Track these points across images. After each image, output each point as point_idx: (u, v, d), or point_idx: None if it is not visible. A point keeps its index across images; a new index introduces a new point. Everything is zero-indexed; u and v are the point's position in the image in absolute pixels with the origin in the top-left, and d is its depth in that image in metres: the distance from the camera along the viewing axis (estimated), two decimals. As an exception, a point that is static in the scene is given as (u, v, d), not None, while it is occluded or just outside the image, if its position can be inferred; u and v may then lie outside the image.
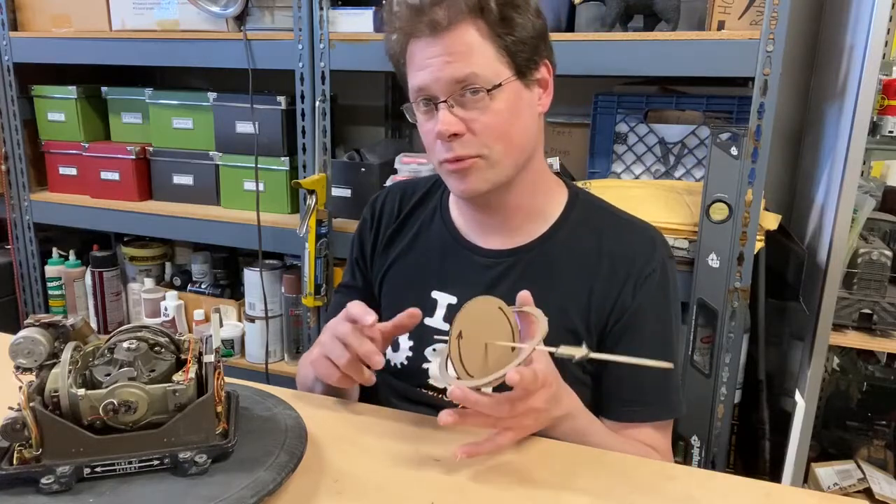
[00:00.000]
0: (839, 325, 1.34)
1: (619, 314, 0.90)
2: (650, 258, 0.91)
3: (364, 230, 1.05)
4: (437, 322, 0.94)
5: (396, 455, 0.75)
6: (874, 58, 1.22)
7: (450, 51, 0.81)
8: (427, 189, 1.03)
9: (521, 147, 0.87)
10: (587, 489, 0.70)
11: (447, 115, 0.82)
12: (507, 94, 0.83)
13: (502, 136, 0.84)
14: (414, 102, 0.87)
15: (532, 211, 0.94)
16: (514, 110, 0.84)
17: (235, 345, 1.88)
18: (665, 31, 1.35)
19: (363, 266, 1.04)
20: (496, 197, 0.90)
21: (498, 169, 0.86)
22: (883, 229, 1.45)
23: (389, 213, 1.03)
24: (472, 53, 0.81)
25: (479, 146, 0.84)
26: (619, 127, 1.51)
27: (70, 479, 0.61)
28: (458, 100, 0.82)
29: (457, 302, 0.94)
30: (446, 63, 0.81)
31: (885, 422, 1.51)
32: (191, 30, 1.70)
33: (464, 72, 0.81)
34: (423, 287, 0.96)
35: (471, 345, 0.69)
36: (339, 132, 1.96)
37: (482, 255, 0.95)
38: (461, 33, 0.81)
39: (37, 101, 1.99)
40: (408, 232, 1.01)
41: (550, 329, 0.88)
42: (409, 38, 0.84)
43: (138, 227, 1.89)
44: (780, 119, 1.58)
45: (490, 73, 0.82)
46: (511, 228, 0.94)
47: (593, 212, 0.96)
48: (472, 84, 0.81)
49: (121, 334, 0.70)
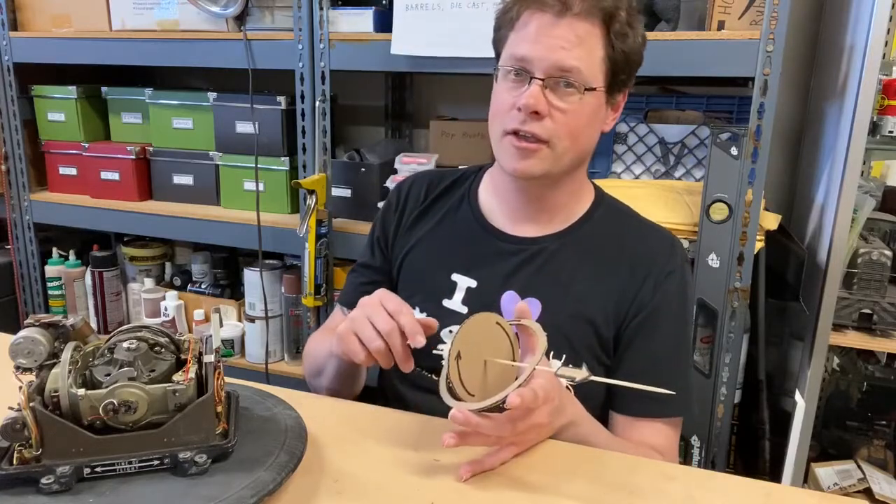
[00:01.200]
0: (839, 325, 1.34)
1: (638, 310, 0.91)
2: (670, 259, 0.93)
3: (388, 211, 1.05)
4: (455, 304, 0.95)
5: (396, 455, 0.75)
6: (874, 58, 1.22)
7: (569, 37, 0.82)
8: (454, 179, 1.04)
9: (582, 151, 0.90)
10: (587, 489, 0.70)
11: (539, 92, 0.83)
12: (593, 101, 0.86)
13: (573, 134, 0.86)
14: (503, 67, 0.88)
15: (563, 208, 0.96)
16: (591, 117, 0.87)
17: (235, 345, 1.88)
18: (665, 31, 1.35)
19: (384, 245, 1.05)
20: (540, 187, 0.92)
21: (558, 162, 0.88)
22: (883, 229, 1.45)
23: (416, 197, 1.04)
24: (587, 49, 0.83)
25: (550, 133, 0.85)
26: (620, 127, 1.51)
27: (70, 479, 0.61)
28: (553, 84, 0.84)
29: (476, 286, 0.95)
30: (560, 47, 0.82)
31: (885, 422, 1.51)
32: (191, 30, 1.70)
33: (571, 63, 0.82)
34: (444, 269, 0.97)
35: (470, 363, 0.69)
36: (339, 132, 1.96)
37: (507, 241, 0.96)
38: (584, 26, 0.83)
39: (37, 101, 1.99)
40: (433, 216, 1.02)
41: (570, 319, 0.91)
42: (533, 8, 0.84)
43: (138, 227, 1.89)
44: (780, 119, 1.59)
45: (591, 74, 0.84)
46: (540, 219, 0.96)
47: (617, 213, 0.99)
48: (572, 77, 0.83)
49: (121, 334, 0.70)
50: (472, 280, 0.96)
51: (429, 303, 0.97)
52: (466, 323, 0.71)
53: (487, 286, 0.94)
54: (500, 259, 0.95)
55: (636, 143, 1.50)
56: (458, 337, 0.69)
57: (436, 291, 0.97)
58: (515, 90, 0.86)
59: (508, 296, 0.93)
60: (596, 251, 0.94)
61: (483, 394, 0.69)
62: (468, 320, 0.71)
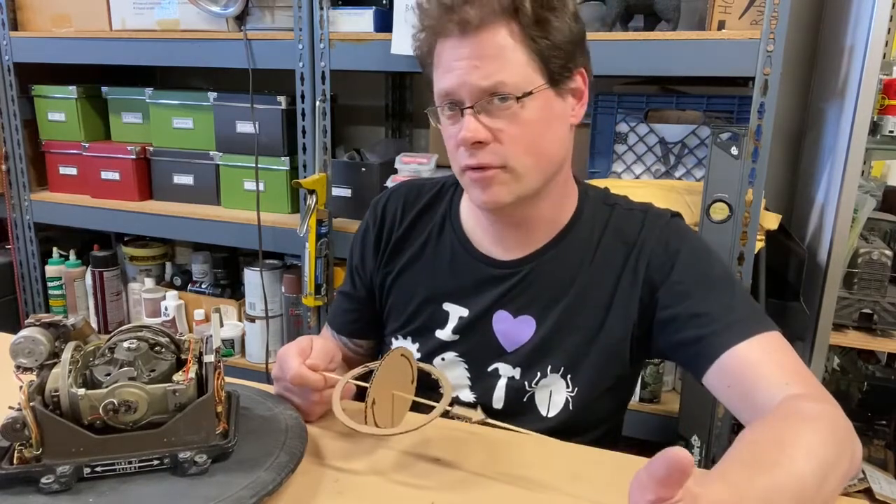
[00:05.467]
0: (839, 325, 1.34)
1: (652, 289, 0.85)
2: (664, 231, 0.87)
3: (366, 236, 0.99)
4: (446, 335, 0.92)
5: (396, 455, 0.75)
6: (874, 57, 1.22)
7: (479, 54, 0.76)
8: (434, 193, 0.97)
9: (549, 159, 0.82)
10: (588, 489, 0.70)
11: (472, 121, 0.78)
12: (537, 103, 0.78)
13: (530, 148, 0.80)
14: (439, 106, 0.82)
15: (549, 221, 0.90)
16: (544, 121, 0.80)
17: (236, 345, 1.88)
18: (665, 31, 1.35)
19: (363, 274, 1.00)
20: (519, 210, 0.85)
21: (524, 182, 0.81)
22: (883, 229, 1.45)
23: (392, 217, 0.97)
24: (503, 58, 0.76)
25: (504, 156, 0.79)
26: (620, 127, 1.51)
27: (70, 479, 0.61)
28: (485, 107, 0.78)
29: (468, 314, 0.91)
30: (474, 67, 0.76)
31: (885, 422, 1.51)
32: (191, 30, 1.70)
33: (492, 79, 0.76)
34: (436, 300, 0.93)
35: (381, 404, 0.74)
36: (339, 132, 1.96)
37: (496, 267, 0.90)
38: (492, 35, 0.76)
39: (37, 100, 1.99)
40: (416, 239, 0.96)
41: (565, 330, 0.88)
42: (437, 38, 0.80)
43: (138, 226, 1.89)
44: (780, 119, 1.59)
45: (520, 79, 0.77)
46: (528, 240, 0.90)
47: (602, 206, 0.91)
48: (501, 92, 0.77)
49: (121, 334, 0.70)
50: (463, 309, 0.91)
51: (421, 334, 0.94)
52: (379, 370, 0.73)
53: (479, 313, 0.90)
54: (490, 285, 0.90)
55: (636, 142, 1.50)
56: (373, 385, 0.72)
57: (428, 323, 0.93)
58: (455, 125, 0.81)
59: (501, 315, 0.90)
60: (587, 252, 0.88)
61: (389, 422, 0.76)
62: (381, 365, 0.74)
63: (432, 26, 0.80)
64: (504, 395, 0.89)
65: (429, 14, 0.80)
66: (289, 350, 0.79)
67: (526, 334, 0.89)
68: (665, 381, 1.57)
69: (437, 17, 0.78)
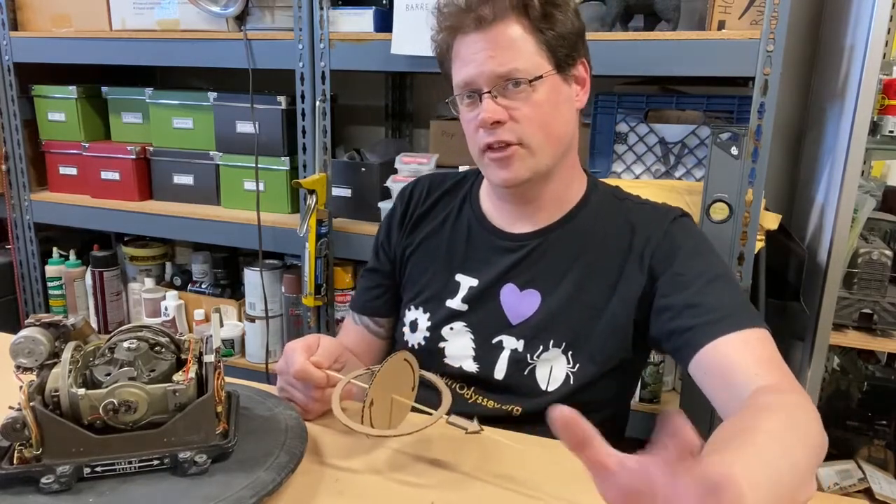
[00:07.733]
0: (839, 325, 1.34)
1: (653, 277, 0.89)
2: (670, 224, 0.92)
3: (393, 214, 1.08)
4: (456, 304, 0.98)
5: (396, 455, 0.75)
6: (874, 57, 1.22)
7: (494, 45, 0.86)
8: (456, 181, 1.07)
9: (559, 138, 0.91)
10: (588, 489, 0.69)
11: (491, 103, 0.87)
12: (547, 87, 0.88)
13: (542, 126, 0.88)
14: (458, 95, 0.92)
15: (559, 199, 0.97)
16: (553, 102, 0.89)
17: (235, 345, 1.88)
18: (665, 31, 1.35)
19: (387, 248, 1.07)
20: (534, 188, 0.93)
21: (538, 157, 0.89)
22: (883, 229, 1.44)
23: (418, 198, 1.06)
24: (515, 48, 0.86)
25: (520, 134, 0.87)
26: (620, 127, 1.51)
27: (70, 479, 0.61)
28: (501, 91, 0.87)
29: (478, 284, 0.97)
30: (490, 57, 0.86)
31: (886, 422, 1.51)
32: (191, 30, 1.70)
33: (507, 66, 0.85)
34: (448, 270, 1.00)
35: (379, 406, 0.75)
36: (339, 132, 1.96)
37: (506, 239, 0.97)
38: (505, 28, 0.86)
39: (37, 100, 1.99)
40: (435, 217, 1.04)
41: (569, 306, 0.92)
42: (456, 35, 0.89)
43: (138, 227, 1.89)
44: (780, 119, 1.58)
45: (531, 66, 0.86)
46: (538, 216, 0.97)
47: (612, 197, 0.99)
48: (515, 77, 0.86)
49: (121, 334, 0.70)
50: (473, 279, 0.98)
51: (432, 303, 1.00)
52: (380, 372, 0.74)
53: (487, 283, 0.96)
54: (499, 256, 0.97)
55: (636, 142, 1.50)
56: (373, 386, 0.73)
57: (440, 293, 0.99)
58: (474, 111, 0.90)
59: (508, 289, 0.95)
60: (595, 234, 0.94)
61: (386, 425, 0.77)
62: (382, 367, 0.75)
63: (451, 25, 0.90)
64: (506, 367, 0.93)
65: (448, 15, 0.90)
66: (295, 345, 0.83)
67: (531, 308, 0.94)
68: (665, 382, 1.57)
69: (455, 16, 0.89)
